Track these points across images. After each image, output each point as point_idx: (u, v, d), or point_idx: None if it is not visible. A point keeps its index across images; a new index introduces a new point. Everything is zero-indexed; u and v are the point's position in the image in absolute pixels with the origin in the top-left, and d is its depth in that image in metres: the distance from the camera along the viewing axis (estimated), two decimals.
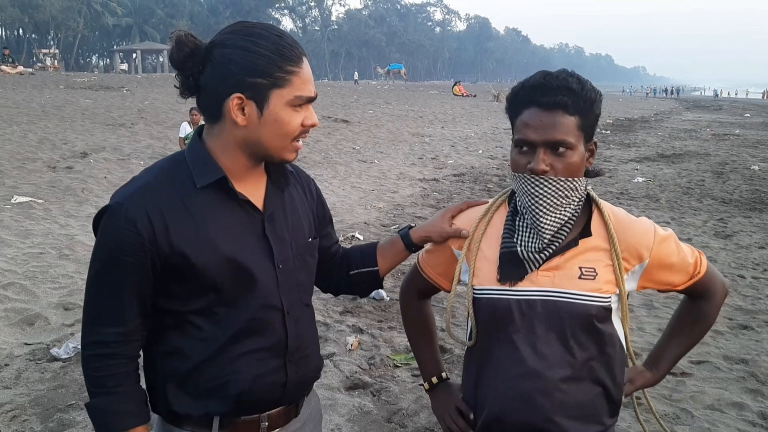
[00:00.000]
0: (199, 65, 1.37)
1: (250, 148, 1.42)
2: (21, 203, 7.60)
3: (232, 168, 1.43)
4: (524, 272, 1.51)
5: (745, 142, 19.74)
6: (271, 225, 1.50)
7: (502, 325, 1.53)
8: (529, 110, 1.46)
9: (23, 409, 3.46)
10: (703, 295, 1.65)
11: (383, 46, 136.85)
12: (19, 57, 52.52)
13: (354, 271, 1.77)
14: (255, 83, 1.35)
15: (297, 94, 1.39)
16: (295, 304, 1.54)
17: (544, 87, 1.44)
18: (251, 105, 1.37)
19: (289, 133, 1.41)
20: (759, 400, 3.79)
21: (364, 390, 3.79)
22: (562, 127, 1.43)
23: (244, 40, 1.36)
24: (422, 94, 40.13)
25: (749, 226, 8.44)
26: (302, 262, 1.57)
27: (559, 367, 1.49)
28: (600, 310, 1.49)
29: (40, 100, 17.83)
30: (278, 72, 1.36)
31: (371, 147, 15.08)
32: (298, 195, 1.63)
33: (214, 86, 1.37)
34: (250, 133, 1.40)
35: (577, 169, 1.48)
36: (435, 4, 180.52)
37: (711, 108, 46.88)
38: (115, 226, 1.35)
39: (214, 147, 1.43)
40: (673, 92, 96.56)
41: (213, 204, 1.42)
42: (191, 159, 1.44)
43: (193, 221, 1.39)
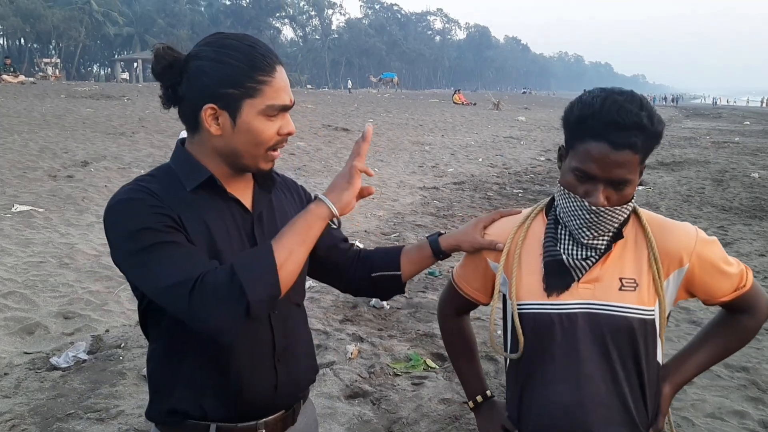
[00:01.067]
0: (177, 77, 1.41)
1: (227, 158, 1.44)
2: (21, 212, 7.60)
3: (216, 172, 1.46)
4: (570, 280, 1.50)
5: (744, 150, 19.75)
6: (260, 225, 1.52)
7: (545, 339, 1.51)
8: (597, 144, 1.39)
9: (22, 419, 3.45)
10: (747, 310, 1.60)
11: (383, 55, 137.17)
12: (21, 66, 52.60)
13: (376, 274, 1.76)
14: (227, 94, 1.37)
15: (269, 104, 1.40)
16: (283, 304, 1.51)
17: (617, 125, 1.38)
18: (224, 115, 1.39)
19: (262, 142, 1.42)
20: (760, 408, 3.78)
21: (364, 398, 3.78)
22: (629, 166, 1.40)
23: (216, 52, 1.39)
24: (422, 103, 40.21)
25: (749, 233, 8.44)
26: None
27: (601, 381, 1.48)
28: (641, 324, 1.48)
29: (41, 109, 17.86)
30: (249, 82, 1.38)
31: (371, 155, 15.08)
32: (287, 199, 1.66)
33: (190, 97, 1.40)
34: (225, 142, 1.42)
35: (631, 197, 1.47)
36: (435, 13, 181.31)
37: (710, 116, 46.93)
38: (129, 208, 1.35)
39: (197, 155, 1.46)
40: (673, 100, 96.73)
41: (205, 204, 1.44)
42: (177, 165, 1.47)
43: (194, 214, 1.42)
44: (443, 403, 3.73)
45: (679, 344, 4.60)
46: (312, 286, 5.69)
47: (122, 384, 3.84)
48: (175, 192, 1.43)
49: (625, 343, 1.48)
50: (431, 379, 4.04)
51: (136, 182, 1.43)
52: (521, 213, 1.67)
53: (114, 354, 4.24)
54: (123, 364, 4.08)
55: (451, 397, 3.80)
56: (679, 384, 1.63)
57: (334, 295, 5.49)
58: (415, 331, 4.79)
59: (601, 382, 1.48)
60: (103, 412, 3.52)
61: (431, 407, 3.68)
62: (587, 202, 1.44)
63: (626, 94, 1.43)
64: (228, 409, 1.48)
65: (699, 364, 1.65)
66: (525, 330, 1.54)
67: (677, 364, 1.65)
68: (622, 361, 1.49)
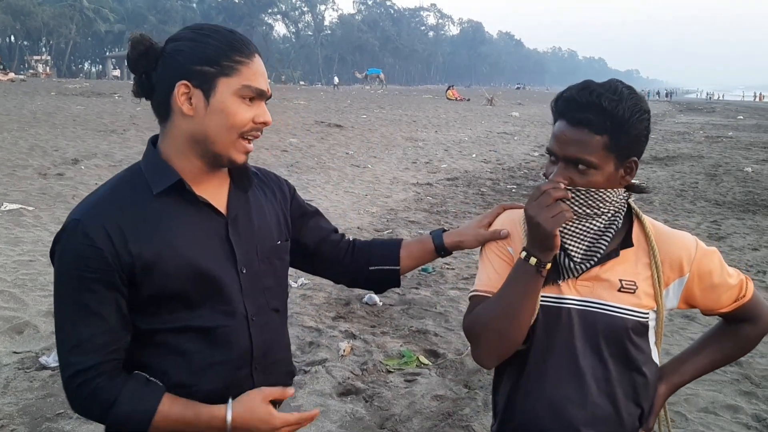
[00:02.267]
0: (153, 63, 1.38)
1: (199, 146, 1.38)
2: (11, 210, 7.54)
3: (188, 171, 1.40)
4: (556, 277, 1.47)
5: (738, 144, 19.83)
6: (235, 228, 1.46)
7: (546, 332, 1.49)
8: (560, 122, 1.43)
9: (11, 419, 3.42)
10: (749, 319, 1.59)
11: (376, 51, 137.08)
12: (11, 64, 52.37)
13: (374, 268, 1.73)
14: (202, 71, 1.34)
15: (245, 83, 1.36)
16: (261, 310, 1.49)
17: (574, 102, 1.40)
18: (198, 94, 1.35)
19: (236, 125, 1.36)
20: (753, 402, 3.78)
21: (357, 396, 3.76)
22: (585, 146, 1.38)
23: (194, 33, 1.38)
24: (416, 99, 40.21)
25: (742, 227, 8.45)
26: (269, 266, 1.53)
27: (593, 380, 1.46)
28: (636, 325, 1.46)
29: (31, 106, 17.77)
30: (226, 61, 1.35)
31: (364, 152, 15.07)
32: (266, 197, 1.59)
33: (164, 81, 1.36)
34: (197, 125, 1.36)
35: (599, 186, 1.42)
36: (428, 8, 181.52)
37: (704, 110, 47.09)
38: (73, 245, 1.32)
39: (168, 151, 1.40)
40: (667, 95, 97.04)
41: (172, 209, 1.39)
42: (145, 166, 1.42)
43: (153, 228, 1.36)
44: (436, 400, 3.71)
45: (672, 338, 4.60)
46: (305, 284, 5.66)
47: None
48: (139, 196, 1.37)
49: (619, 343, 1.47)
50: (424, 375, 4.02)
51: (101, 197, 1.38)
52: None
53: None
54: None
55: (444, 393, 3.78)
56: (675, 385, 1.61)
57: (327, 293, 5.46)
58: (408, 328, 4.77)
59: (592, 380, 1.47)
60: None
61: (424, 404, 3.66)
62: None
63: (605, 82, 1.42)
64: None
65: (697, 368, 1.63)
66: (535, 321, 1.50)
67: (675, 366, 1.63)
68: (614, 361, 1.47)
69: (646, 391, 1.53)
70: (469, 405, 3.63)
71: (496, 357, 1.51)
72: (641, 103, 1.41)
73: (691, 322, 5.01)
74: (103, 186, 1.43)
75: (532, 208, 1.39)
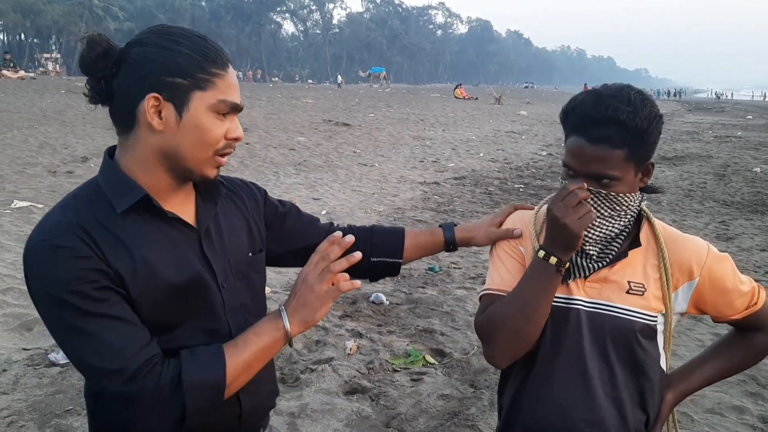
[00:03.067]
0: (113, 67, 1.24)
1: (168, 161, 1.27)
2: (21, 208, 7.59)
3: (153, 186, 1.28)
4: (566, 277, 1.48)
5: (747, 144, 19.71)
6: (209, 242, 1.37)
7: (554, 333, 1.49)
8: (575, 138, 1.41)
9: (20, 415, 3.45)
10: (760, 328, 1.58)
11: (384, 49, 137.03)
12: (21, 62, 52.64)
13: (377, 259, 1.68)
14: (174, 83, 1.22)
15: (221, 98, 1.26)
16: (241, 327, 1.36)
17: (591, 119, 1.37)
18: (169, 108, 1.23)
19: (210, 142, 1.26)
20: (759, 403, 3.77)
21: (363, 394, 3.77)
22: (607, 162, 1.38)
23: (163, 39, 1.25)
24: (423, 97, 40.16)
25: (751, 228, 8.42)
26: (245, 280, 1.44)
27: (600, 383, 1.46)
28: (645, 328, 1.46)
29: (41, 104, 17.86)
30: (200, 73, 1.24)
31: (372, 150, 15.08)
32: (236, 207, 1.50)
33: (127, 88, 1.23)
34: (167, 140, 1.25)
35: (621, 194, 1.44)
36: (437, 7, 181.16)
37: (713, 110, 46.80)
38: (50, 263, 1.16)
39: (130, 164, 1.28)
40: (677, 94, 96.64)
41: (141, 227, 1.26)
42: (105, 182, 1.28)
43: (125, 246, 1.23)
44: (442, 399, 3.72)
45: (679, 339, 4.60)
46: None
47: None
48: (103, 218, 1.23)
49: (626, 345, 1.47)
50: (430, 374, 4.03)
51: (62, 214, 1.24)
52: (534, 208, 1.65)
53: None
54: None
55: (450, 392, 3.79)
56: (683, 393, 1.60)
57: None
58: (415, 327, 4.78)
59: (599, 383, 1.47)
60: None
61: (430, 403, 3.67)
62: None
63: (615, 90, 1.40)
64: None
65: (706, 376, 1.62)
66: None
67: (684, 374, 1.62)
68: (621, 365, 1.47)
69: (653, 396, 1.52)
70: (475, 404, 3.64)
71: (510, 356, 1.51)
72: (655, 108, 1.40)
73: (698, 323, 5.00)
74: (57, 209, 1.27)
75: (559, 208, 1.38)
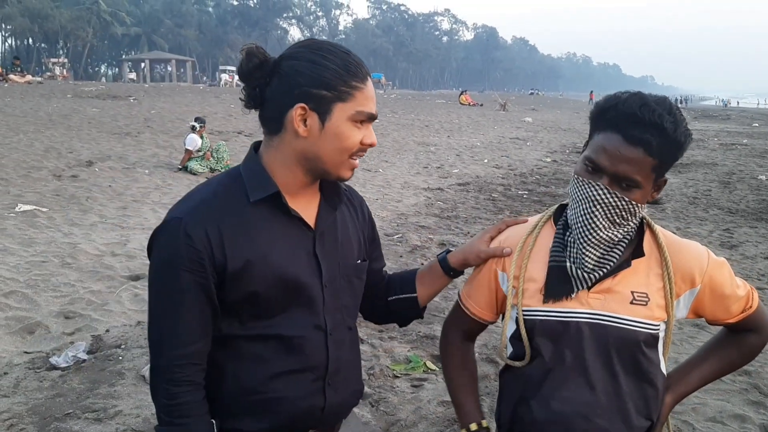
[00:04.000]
0: (267, 77, 1.40)
1: (308, 162, 1.42)
2: (25, 211, 7.62)
3: (287, 183, 1.44)
4: (570, 290, 1.47)
5: (752, 152, 19.65)
6: (322, 243, 1.49)
7: (550, 347, 1.49)
8: (612, 135, 1.38)
9: (20, 418, 3.45)
10: (753, 329, 1.60)
11: (390, 56, 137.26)
12: (29, 66, 52.93)
13: (392, 297, 1.74)
14: (319, 95, 1.36)
15: (359, 109, 1.39)
16: (339, 326, 1.52)
17: (635, 118, 1.35)
18: (313, 117, 1.38)
19: (347, 148, 1.41)
20: (761, 412, 3.75)
21: (363, 400, 3.75)
22: (637, 166, 1.37)
23: (313, 54, 1.39)
24: (429, 103, 40.19)
25: (755, 236, 8.39)
26: (348, 284, 1.56)
27: (604, 394, 1.46)
28: (648, 337, 1.46)
29: (48, 109, 17.95)
30: (343, 86, 1.38)
31: (376, 156, 15.08)
32: (350, 215, 1.62)
33: (279, 97, 1.39)
34: (310, 145, 1.40)
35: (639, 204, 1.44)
36: (442, 13, 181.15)
37: (719, 117, 46.69)
38: (174, 242, 1.35)
39: (271, 161, 1.44)
40: (683, 102, 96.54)
41: (266, 218, 1.42)
42: (246, 173, 1.45)
43: (248, 235, 1.40)
44: (442, 406, 3.71)
45: (681, 347, 4.57)
46: None
47: (121, 384, 3.83)
48: (236, 202, 1.41)
49: (630, 356, 1.46)
50: (431, 381, 4.02)
51: (203, 197, 1.42)
52: (528, 222, 1.64)
53: (113, 354, 4.24)
54: (122, 364, 4.08)
55: (450, 399, 3.77)
56: (680, 395, 1.61)
57: None
58: (416, 333, 4.77)
59: (603, 394, 1.46)
60: (101, 413, 3.52)
61: (430, 409, 3.67)
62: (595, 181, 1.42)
63: (659, 98, 1.40)
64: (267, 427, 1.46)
65: (702, 377, 1.63)
66: (530, 337, 1.51)
67: (680, 375, 1.62)
68: (625, 374, 1.47)
69: (656, 403, 1.52)
70: None
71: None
72: (686, 122, 1.40)
73: (701, 330, 4.97)
74: (204, 186, 1.47)
75: None
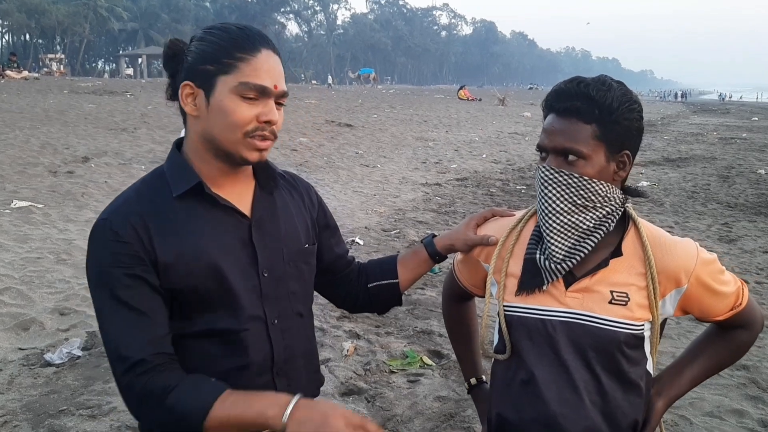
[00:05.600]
0: (178, 65, 1.39)
1: (209, 145, 1.38)
2: (20, 208, 7.58)
3: (207, 172, 1.40)
4: (540, 282, 1.45)
5: (752, 146, 19.64)
6: (259, 231, 1.44)
7: (530, 344, 1.48)
8: (549, 116, 1.45)
9: (14, 415, 3.43)
10: (743, 325, 1.57)
11: (389, 50, 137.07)
12: (26, 62, 52.78)
13: (372, 284, 1.70)
14: (203, 70, 1.33)
15: (243, 80, 1.31)
16: (284, 314, 1.47)
17: (561, 93, 1.42)
18: (200, 94, 1.34)
19: (236, 124, 1.32)
20: (760, 407, 3.73)
21: (359, 396, 3.74)
22: (573, 135, 1.38)
23: (204, 33, 1.38)
24: (427, 99, 40.10)
25: (754, 230, 8.37)
26: (295, 269, 1.52)
27: (586, 394, 1.44)
28: (629, 338, 1.43)
29: (44, 104, 17.88)
30: (225, 58, 1.32)
31: (374, 151, 15.04)
32: (294, 200, 1.58)
33: (178, 80, 1.38)
34: (203, 126, 1.36)
35: (590, 176, 1.41)
36: (441, 8, 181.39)
37: (718, 111, 46.67)
38: (103, 243, 1.33)
39: (188, 152, 1.42)
40: (684, 96, 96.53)
41: (194, 211, 1.38)
42: (168, 169, 1.42)
43: (176, 229, 1.36)
44: (438, 401, 3.69)
45: (679, 341, 4.56)
46: None
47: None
48: (161, 198, 1.38)
49: (609, 356, 1.44)
50: (427, 376, 4.00)
51: (126, 197, 1.39)
52: (515, 216, 1.63)
53: None
54: None
55: (447, 394, 3.76)
56: (672, 398, 1.58)
57: None
58: (413, 328, 4.75)
59: (585, 393, 1.44)
60: (96, 409, 3.50)
61: (426, 405, 3.65)
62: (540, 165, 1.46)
63: (597, 76, 1.43)
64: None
65: (693, 378, 1.60)
66: (511, 332, 1.51)
67: (671, 378, 1.59)
68: (607, 375, 1.44)
69: (641, 404, 1.50)
70: (472, 406, 3.60)
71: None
72: (630, 94, 1.41)
73: (698, 325, 4.96)
74: (128, 188, 1.44)
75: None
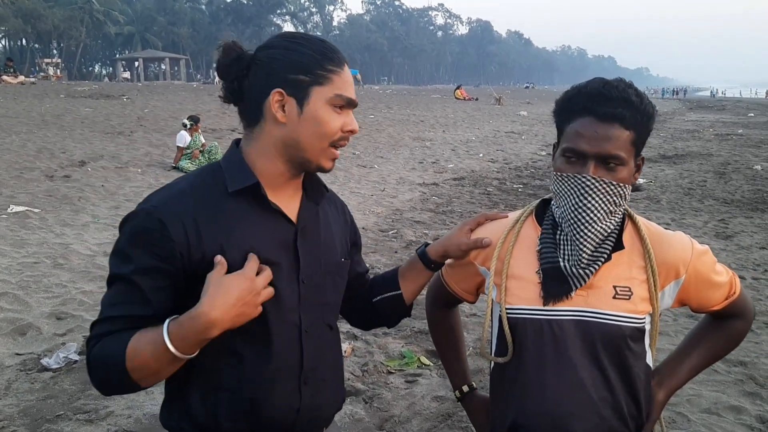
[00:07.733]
0: (244, 69, 1.39)
1: (288, 151, 1.39)
2: (17, 213, 7.57)
3: (268, 175, 1.41)
4: (569, 289, 1.44)
5: (748, 142, 19.65)
6: (303, 238, 1.45)
7: (535, 345, 1.47)
8: (584, 119, 1.39)
9: (11, 420, 3.43)
10: (737, 315, 1.60)
11: (385, 51, 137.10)
12: (22, 67, 52.71)
13: (377, 298, 1.70)
14: (296, 80, 1.36)
15: (337, 93, 1.37)
16: (316, 324, 1.48)
17: (602, 96, 1.37)
18: (291, 102, 1.36)
19: (327, 133, 1.38)
20: (758, 403, 3.73)
21: (357, 397, 3.74)
22: (617, 141, 1.37)
23: (288, 42, 1.40)
24: (424, 99, 40.09)
25: (750, 226, 8.38)
26: (330, 281, 1.53)
27: (594, 390, 1.44)
28: (634, 332, 1.45)
29: (40, 109, 17.84)
30: (319, 70, 1.36)
31: (371, 152, 15.04)
32: (333, 214, 1.60)
33: (256, 87, 1.38)
34: (289, 132, 1.38)
35: (625, 182, 1.43)
36: (437, 8, 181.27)
37: (714, 108, 46.72)
38: (147, 226, 1.31)
39: (252, 153, 1.42)
40: (680, 93, 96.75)
41: (244, 210, 1.39)
42: (226, 165, 1.43)
43: (224, 227, 1.36)
44: (436, 401, 3.69)
45: (676, 338, 4.56)
46: None
47: None
48: (214, 194, 1.38)
49: (617, 350, 1.45)
50: (425, 376, 4.00)
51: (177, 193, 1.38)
52: (509, 217, 1.62)
53: None
54: None
55: (445, 394, 3.75)
56: (672, 389, 1.60)
57: None
58: (410, 329, 4.74)
59: (593, 390, 1.44)
60: (93, 413, 3.50)
61: (424, 405, 3.65)
62: (581, 174, 1.40)
63: (620, 80, 1.42)
64: (243, 428, 1.41)
65: (691, 368, 1.62)
66: (514, 335, 1.50)
67: (670, 370, 1.61)
68: (614, 369, 1.45)
69: (645, 396, 1.51)
70: None
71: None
72: (651, 101, 1.43)
73: (695, 321, 4.96)
74: (182, 179, 1.44)
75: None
